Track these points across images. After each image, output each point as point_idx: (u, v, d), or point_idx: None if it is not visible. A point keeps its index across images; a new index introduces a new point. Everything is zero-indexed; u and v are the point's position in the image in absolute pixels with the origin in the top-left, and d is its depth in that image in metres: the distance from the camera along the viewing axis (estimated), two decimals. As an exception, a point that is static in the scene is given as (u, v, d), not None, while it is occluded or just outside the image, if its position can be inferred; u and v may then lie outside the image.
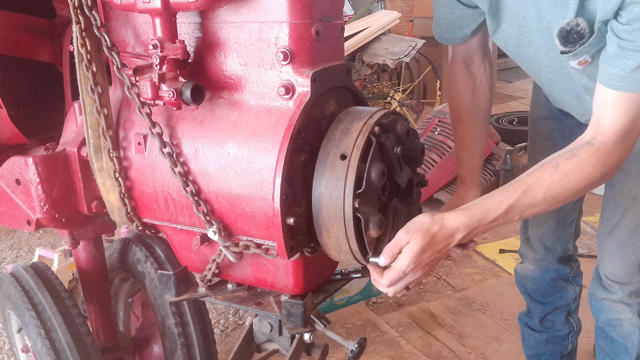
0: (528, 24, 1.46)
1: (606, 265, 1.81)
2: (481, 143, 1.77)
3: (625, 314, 1.82)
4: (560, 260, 2.08)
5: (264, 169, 1.20)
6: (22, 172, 1.52)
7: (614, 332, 1.86)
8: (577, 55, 1.37)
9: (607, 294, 1.84)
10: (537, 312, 2.18)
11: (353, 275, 1.47)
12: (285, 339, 1.42)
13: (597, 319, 1.91)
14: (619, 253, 1.77)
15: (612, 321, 1.86)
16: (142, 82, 1.24)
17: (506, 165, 4.06)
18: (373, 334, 2.81)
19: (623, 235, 1.75)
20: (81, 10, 1.28)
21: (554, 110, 1.87)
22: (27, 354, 2.04)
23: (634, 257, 1.75)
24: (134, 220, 1.43)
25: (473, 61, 1.72)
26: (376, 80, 5.56)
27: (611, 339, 1.87)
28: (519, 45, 1.54)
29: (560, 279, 2.11)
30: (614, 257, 1.78)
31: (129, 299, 2.19)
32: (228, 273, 1.40)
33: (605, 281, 1.83)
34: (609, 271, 1.81)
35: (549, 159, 1.31)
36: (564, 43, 1.36)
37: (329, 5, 1.24)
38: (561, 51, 1.39)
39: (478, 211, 1.25)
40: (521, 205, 1.26)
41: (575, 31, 1.33)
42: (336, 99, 1.32)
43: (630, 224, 1.73)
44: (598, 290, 1.86)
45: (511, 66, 8.21)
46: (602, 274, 1.84)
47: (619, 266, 1.78)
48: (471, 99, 1.73)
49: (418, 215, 1.27)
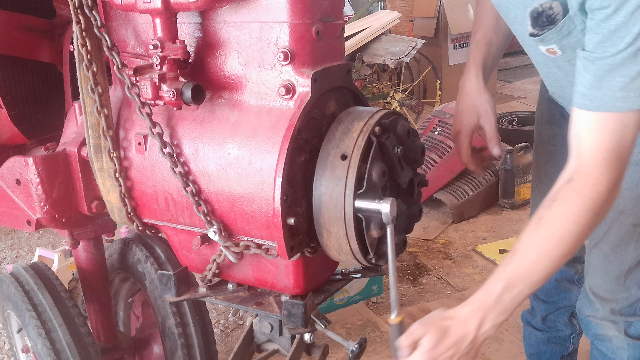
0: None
1: (591, 278, 1.75)
2: (498, 48, 1.68)
3: (612, 331, 1.76)
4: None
5: (264, 169, 1.19)
6: (22, 172, 1.52)
7: (604, 347, 1.81)
8: (544, 41, 1.32)
9: (591, 310, 1.78)
10: (540, 311, 2.18)
11: (353, 275, 1.47)
12: (285, 339, 1.42)
13: (586, 333, 1.86)
14: (603, 267, 1.70)
15: (600, 337, 1.81)
16: (142, 82, 1.24)
17: (506, 165, 4.06)
18: (373, 334, 2.81)
19: (607, 249, 1.67)
20: (81, 10, 1.28)
21: (556, 114, 1.84)
22: (27, 354, 2.04)
23: (617, 272, 1.68)
24: (134, 221, 1.43)
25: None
26: (376, 80, 5.56)
27: (602, 353, 1.83)
28: (507, 17, 1.49)
29: (564, 280, 2.10)
30: (598, 271, 1.72)
31: (129, 299, 2.19)
32: (228, 273, 1.40)
33: (590, 296, 1.77)
34: (593, 284, 1.75)
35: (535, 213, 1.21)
36: (533, 24, 1.30)
37: (329, 5, 1.24)
38: (529, 33, 1.34)
39: (480, 294, 1.21)
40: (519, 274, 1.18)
41: (547, 14, 1.26)
42: (336, 99, 1.32)
43: (615, 238, 1.65)
44: (584, 307, 1.81)
45: (511, 66, 8.21)
46: (587, 286, 1.78)
47: (602, 280, 1.71)
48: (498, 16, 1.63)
49: (420, 219, 1.26)
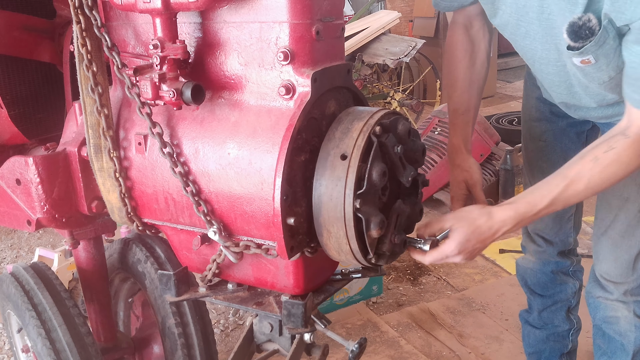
0: (528, 14, 1.44)
1: (601, 265, 1.83)
2: (475, 111, 1.77)
3: (622, 311, 1.84)
4: (561, 253, 2.11)
5: (264, 169, 1.19)
6: (23, 172, 1.52)
7: (611, 330, 1.87)
8: (583, 53, 1.35)
9: (603, 292, 1.85)
10: (537, 306, 2.19)
11: (353, 275, 1.47)
12: (285, 339, 1.42)
13: (593, 317, 1.92)
14: (612, 253, 1.79)
15: (608, 319, 1.87)
16: (142, 82, 1.24)
17: (506, 165, 4.06)
18: (373, 334, 2.81)
19: (616, 236, 1.77)
20: (82, 10, 1.28)
21: (545, 111, 1.89)
22: (27, 354, 2.04)
23: (627, 257, 1.77)
24: (134, 220, 1.43)
25: (473, 25, 1.71)
26: (376, 80, 5.56)
27: (608, 337, 1.89)
28: (515, 34, 1.52)
29: (560, 272, 2.13)
30: (608, 258, 1.80)
31: (129, 299, 2.19)
32: (228, 273, 1.40)
33: (601, 281, 1.84)
34: (603, 271, 1.83)
35: (587, 151, 1.37)
36: (575, 39, 1.33)
37: (329, 5, 1.24)
38: (569, 46, 1.36)
39: (523, 205, 1.36)
40: (564, 197, 1.36)
41: (587, 27, 1.31)
42: (336, 99, 1.32)
43: (623, 225, 1.75)
44: (595, 289, 1.88)
45: (511, 66, 8.21)
46: (598, 273, 1.85)
47: (613, 266, 1.80)
48: (469, 64, 1.72)
49: (421, 219, 1.36)
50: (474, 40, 1.72)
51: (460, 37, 1.71)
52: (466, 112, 1.74)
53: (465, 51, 1.71)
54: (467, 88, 1.73)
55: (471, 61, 1.72)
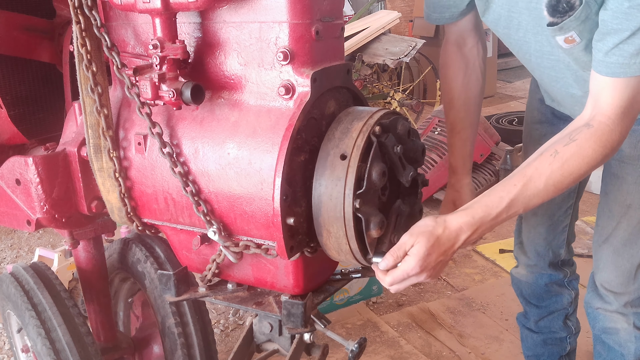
0: (517, 4, 1.43)
1: (601, 273, 1.78)
2: (473, 129, 1.75)
3: (621, 323, 1.79)
4: (552, 265, 2.06)
5: (264, 169, 1.19)
6: (22, 172, 1.52)
7: (610, 340, 1.83)
8: (563, 29, 1.33)
9: (602, 303, 1.80)
10: (533, 315, 2.17)
11: (353, 275, 1.47)
12: (285, 339, 1.42)
13: (593, 327, 1.88)
14: (613, 262, 1.73)
15: (608, 330, 1.83)
16: (142, 82, 1.24)
17: (506, 165, 4.07)
18: (373, 334, 2.81)
19: (618, 244, 1.71)
20: (81, 10, 1.28)
21: (547, 114, 1.86)
22: (27, 354, 2.04)
23: (629, 266, 1.71)
24: (134, 220, 1.43)
25: (466, 43, 1.70)
26: (376, 80, 5.57)
27: (608, 346, 1.85)
28: (509, 27, 1.51)
29: (554, 284, 2.09)
30: (609, 266, 1.75)
31: (129, 299, 2.19)
32: (228, 273, 1.40)
33: (600, 290, 1.80)
34: (604, 279, 1.77)
35: (547, 146, 1.29)
36: (552, 13, 1.32)
37: (329, 5, 1.24)
38: (548, 23, 1.34)
39: (480, 209, 1.24)
40: (523, 197, 1.25)
41: (566, 1, 1.28)
42: (336, 99, 1.32)
43: (625, 233, 1.69)
44: (594, 300, 1.83)
45: (511, 66, 8.21)
46: (598, 282, 1.80)
47: (614, 275, 1.74)
48: (463, 82, 1.71)
49: (421, 219, 1.26)
50: (467, 58, 1.71)
51: (453, 56, 1.71)
52: (462, 130, 1.73)
53: (459, 69, 1.71)
54: (462, 106, 1.72)
55: (465, 79, 1.71)
